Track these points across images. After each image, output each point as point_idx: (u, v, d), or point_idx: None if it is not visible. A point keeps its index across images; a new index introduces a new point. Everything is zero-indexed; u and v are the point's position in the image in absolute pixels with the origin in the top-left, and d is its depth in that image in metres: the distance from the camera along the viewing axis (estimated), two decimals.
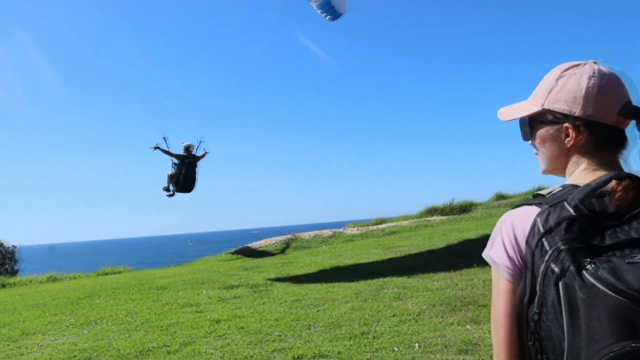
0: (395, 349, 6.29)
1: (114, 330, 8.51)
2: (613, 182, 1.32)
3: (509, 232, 1.42)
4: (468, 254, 12.18)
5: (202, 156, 13.95)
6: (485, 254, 1.50)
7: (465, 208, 25.25)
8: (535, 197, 1.47)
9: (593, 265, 1.17)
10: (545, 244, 1.28)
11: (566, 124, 1.50)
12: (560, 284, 1.22)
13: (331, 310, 8.47)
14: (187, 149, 13.57)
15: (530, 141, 1.65)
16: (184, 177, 13.03)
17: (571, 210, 1.28)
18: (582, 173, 1.50)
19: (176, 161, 13.30)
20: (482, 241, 2.46)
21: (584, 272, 1.18)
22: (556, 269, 1.23)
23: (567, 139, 1.51)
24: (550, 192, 1.45)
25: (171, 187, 13.73)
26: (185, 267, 19.73)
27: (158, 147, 13.46)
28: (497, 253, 1.44)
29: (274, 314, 8.54)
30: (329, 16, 14.36)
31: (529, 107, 1.61)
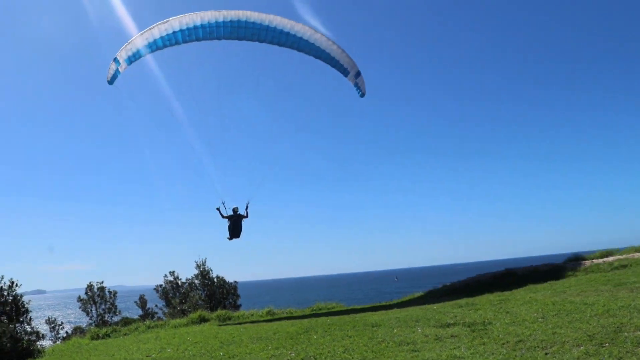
0: None
1: None
2: None
3: None
4: None
5: (245, 215, 17.16)
6: None
7: None
8: None
9: None
10: None
11: None
12: None
13: (561, 354, 7.65)
14: (234, 210, 17.00)
15: None
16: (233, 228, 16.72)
17: None
18: None
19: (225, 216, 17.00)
20: None
21: None
22: None
23: None
24: None
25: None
26: (396, 303, 19.73)
27: (218, 210, 17.13)
28: None
29: (497, 355, 7.98)
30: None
31: None
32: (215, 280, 32.00)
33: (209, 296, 31.16)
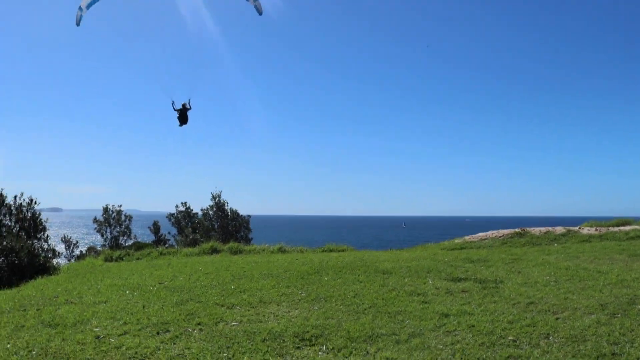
0: None
1: (343, 310, 8.77)
2: None
3: None
4: None
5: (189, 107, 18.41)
6: None
7: None
8: None
9: None
10: None
11: None
12: None
13: (572, 320, 7.65)
14: (183, 105, 18.26)
15: None
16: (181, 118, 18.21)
17: None
18: None
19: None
20: None
21: None
22: None
23: None
24: None
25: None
26: (407, 251, 19.87)
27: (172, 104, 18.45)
28: None
29: (507, 315, 8.01)
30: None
31: None
32: (229, 212, 32.41)
33: (222, 227, 31.63)
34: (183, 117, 18.52)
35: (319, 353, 6.60)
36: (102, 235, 36.10)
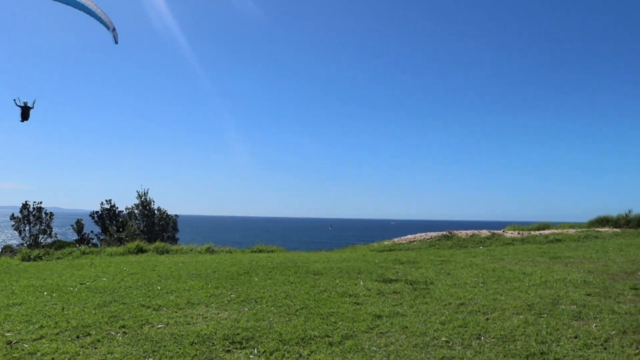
0: None
1: (274, 312, 8.54)
2: None
3: None
4: None
5: (32, 107, 20.28)
6: None
7: None
8: None
9: None
10: None
11: None
12: None
13: (502, 320, 7.76)
14: (25, 103, 20.02)
15: None
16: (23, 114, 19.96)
17: None
18: None
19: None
20: None
21: None
22: None
23: None
24: None
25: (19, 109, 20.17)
26: (337, 253, 19.83)
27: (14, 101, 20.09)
28: None
29: (439, 316, 8.03)
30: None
31: None
32: (156, 211, 31.40)
33: (148, 227, 30.60)
34: (25, 114, 20.33)
35: (250, 356, 6.34)
36: (20, 233, 34.11)
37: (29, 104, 20.34)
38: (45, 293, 10.28)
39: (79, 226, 35.31)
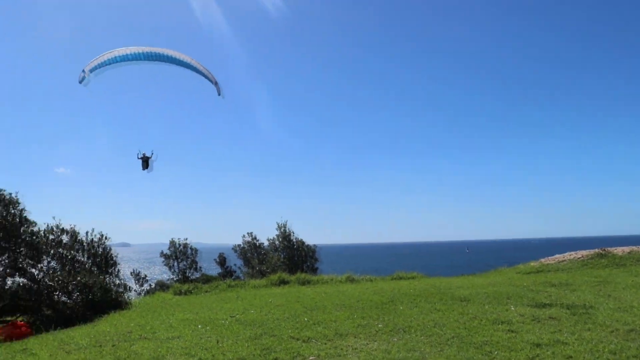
0: None
1: (424, 341, 8.29)
2: None
3: None
4: None
5: (150, 156, 22.34)
6: None
7: None
8: None
9: None
10: None
11: None
12: None
13: None
14: (144, 153, 21.96)
15: None
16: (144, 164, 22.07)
17: None
18: None
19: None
20: None
21: None
22: None
23: None
24: None
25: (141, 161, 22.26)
26: (481, 277, 19.07)
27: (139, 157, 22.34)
28: None
29: (607, 344, 7.35)
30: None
31: None
32: (294, 242, 32.18)
33: (289, 258, 31.40)
34: (145, 163, 22.62)
35: None
36: (170, 269, 36.54)
37: (147, 155, 22.61)
38: (199, 326, 10.82)
39: (222, 260, 37.11)
